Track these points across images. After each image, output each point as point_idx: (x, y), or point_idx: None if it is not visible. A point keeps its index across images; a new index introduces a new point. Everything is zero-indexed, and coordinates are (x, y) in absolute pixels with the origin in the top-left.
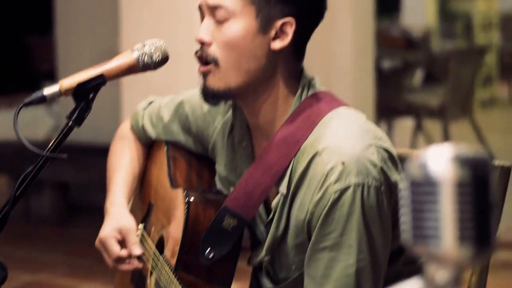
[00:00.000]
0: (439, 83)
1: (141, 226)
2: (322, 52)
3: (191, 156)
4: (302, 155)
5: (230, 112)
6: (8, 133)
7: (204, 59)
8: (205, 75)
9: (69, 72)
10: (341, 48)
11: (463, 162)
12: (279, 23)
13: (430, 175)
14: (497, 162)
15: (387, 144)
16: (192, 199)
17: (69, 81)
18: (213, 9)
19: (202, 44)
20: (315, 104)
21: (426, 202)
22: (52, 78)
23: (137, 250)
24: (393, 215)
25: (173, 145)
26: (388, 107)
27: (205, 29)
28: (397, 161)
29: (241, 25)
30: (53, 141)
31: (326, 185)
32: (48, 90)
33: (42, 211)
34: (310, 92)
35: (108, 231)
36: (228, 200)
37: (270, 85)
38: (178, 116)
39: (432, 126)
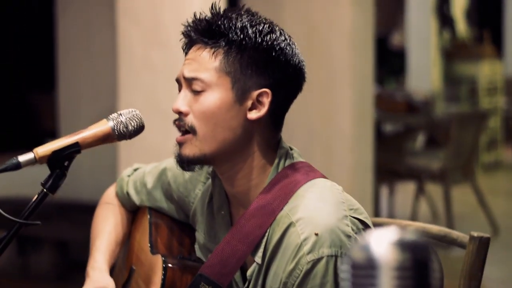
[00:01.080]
0: (441, 147)
1: None
2: (322, 116)
3: (174, 223)
4: (277, 225)
5: (210, 180)
6: (8, 190)
7: (182, 128)
8: (181, 144)
9: (70, 130)
10: (341, 112)
11: (404, 246)
12: (255, 94)
13: (371, 258)
14: (475, 234)
15: (363, 215)
16: (169, 265)
17: (44, 149)
18: (189, 81)
19: (180, 113)
20: (291, 175)
21: (366, 285)
22: (54, 136)
23: None
24: None
25: (156, 212)
26: (389, 170)
27: (182, 100)
28: (371, 229)
29: (217, 96)
30: (27, 208)
31: (299, 255)
32: (23, 157)
33: (41, 268)
34: (288, 163)
35: None
36: (204, 267)
37: (246, 154)
38: (161, 183)
39: (434, 189)
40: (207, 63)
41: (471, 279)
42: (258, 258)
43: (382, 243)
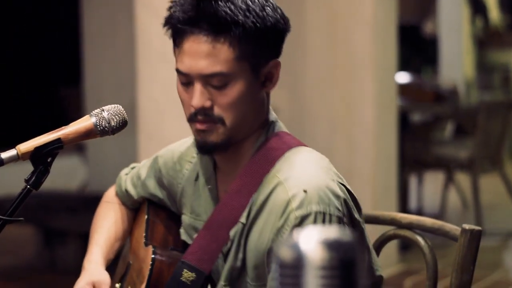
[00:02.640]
0: (469, 136)
1: (118, 285)
2: (345, 107)
3: (171, 218)
4: (263, 186)
5: (196, 158)
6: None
7: (209, 121)
8: (206, 131)
9: None
10: (364, 103)
11: (330, 246)
12: (268, 67)
13: (297, 258)
14: (467, 227)
15: (349, 186)
16: (158, 256)
17: (27, 145)
18: (208, 77)
19: (203, 109)
20: (279, 140)
21: (293, 284)
22: None
23: None
24: None
25: (155, 207)
26: (417, 160)
27: (202, 95)
28: (359, 203)
29: (241, 84)
30: (11, 204)
31: (287, 211)
32: (5, 154)
33: (68, 261)
34: (277, 129)
35: (80, 285)
36: (186, 254)
37: (257, 125)
38: (153, 172)
39: (463, 178)
40: (224, 55)
41: (462, 272)
42: (242, 219)
43: (310, 242)
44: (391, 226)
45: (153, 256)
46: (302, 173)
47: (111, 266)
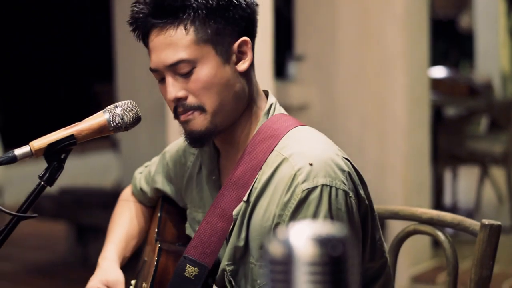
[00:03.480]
0: (503, 131)
1: (133, 282)
2: (376, 102)
3: (184, 213)
4: (267, 165)
5: (198, 150)
6: (71, 180)
7: (188, 110)
8: (188, 122)
9: None
10: (395, 98)
11: (321, 242)
12: (235, 46)
13: (288, 253)
14: (486, 222)
15: (352, 162)
16: (163, 252)
17: (40, 142)
18: (174, 66)
19: (178, 100)
20: (281, 120)
21: (284, 280)
22: None
23: None
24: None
25: (168, 202)
26: (452, 155)
27: (174, 86)
28: (363, 179)
29: (207, 67)
30: (24, 201)
31: (294, 185)
32: (19, 151)
33: None
34: (277, 111)
35: (93, 283)
36: (188, 248)
37: (244, 107)
38: (162, 167)
39: (498, 173)
40: (182, 41)
41: (482, 268)
42: (245, 197)
43: (300, 238)
44: (412, 222)
45: (159, 251)
46: (306, 148)
47: (131, 263)
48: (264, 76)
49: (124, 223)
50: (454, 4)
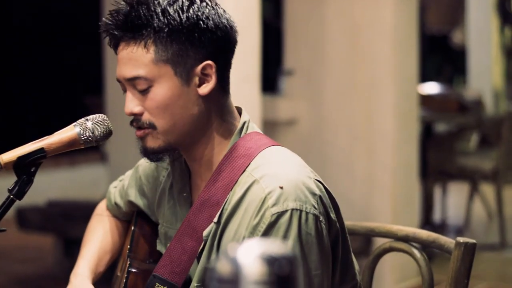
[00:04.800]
0: (493, 147)
1: None
2: (365, 117)
3: (157, 229)
4: (238, 185)
5: (170, 167)
6: (60, 193)
7: (142, 128)
8: (142, 138)
9: (115, 130)
10: (384, 113)
11: (267, 260)
12: (198, 69)
13: (234, 272)
14: (461, 240)
15: (325, 184)
16: (132, 269)
17: (10, 155)
18: (132, 81)
19: (134, 115)
20: (254, 140)
21: None
22: None
23: None
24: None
25: (143, 217)
26: (442, 171)
27: (131, 101)
28: (336, 202)
29: (164, 87)
30: None
31: (263, 208)
32: None
33: None
34: (250, 130)
35: None
36: (158, 267)
37: (207, 127)
38: (135, 180)
39: (489, 190)
40: (142, 58)
41: (456, 286)
42: (215, 218)
43: (248, 256)
44: (387, 239)
45: (128, 269)
46: (278, 171)
47: (106, 276)
48: (251, 91)
49: (98, 238)
50: (448, 20)
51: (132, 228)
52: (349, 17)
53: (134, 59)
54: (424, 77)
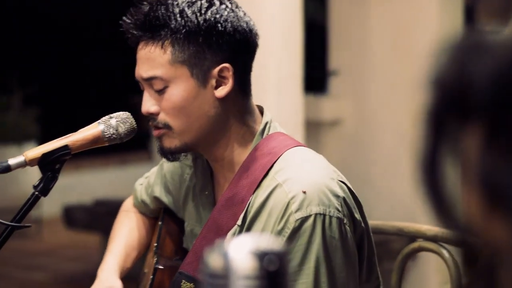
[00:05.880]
0: None
1: None
2: (410, 117)
3: (183, 225)
4: (261, 189)
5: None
6: (110, 192)
7: (158, 128)
8: (159, 138)
9: None
10: None
11: (258, 255)
12: (215, 71)
13: (227, 266)
14: None
15: (349, 184)
16: (159, 266)
17: (34, 152)
18: (149, 81)
19: (150, 114)
20: (276, 141)
21: None
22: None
23: None
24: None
25: (169, 214)
26: None
27: (148, 101)
28: (359, 201)
29: (180, 88)
30: (18, 211)
31: (287, 214)
32: (13, 160)
33: (133, 268)
34: (272, 130)
35: None
36: (184, 264)
37: (225, 129)
38: (160, 177)
39: None
40: (159, 58)
41: None
42: (239, 221)
43: (239, 251)
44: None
45: (155, 266)
46: (300, 174)
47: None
48: (294, 91)
49: (124, 234)
50: (499, 15)
51: (159, 224)
52: (394, 16)
53: (151, 59)
54: None
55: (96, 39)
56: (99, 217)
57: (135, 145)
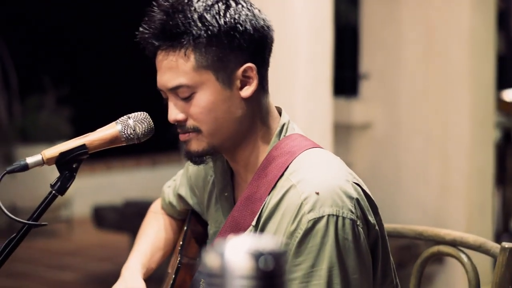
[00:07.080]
0: None
1: None
2: (440, 121)
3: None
4: (276, 190)
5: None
6: (141, 193)
7: (186, 132)
8: (187, 141)
9: None
10: (459, 117)
11: (254, 255)
12: (239, 72)
13: (224, 266)
14: (506, 245)
15: (364, 186)
16: (182, 266)
17: (52, 151)
18: (174, 90)
19: (178, 122)
20: (293, 141)
21: None
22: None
23: None
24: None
25: (196, 216)
26: None
27: (174, 109)
28: (375, 204)
29: (207, 93)
30: (35, 209)
31: (300, 214)
32: (31, 159)
33: (161, 268)
34: (289, 131)
35: None
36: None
37: (250, 130)
38: (186, 179)
39: None
40: (182, 66)
41: None
42: (254, 222)
43: (236, 251)
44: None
45: (178, 264)
46: (314, 175)
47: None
48: (323, 93)
49: (151, 235)
50: None
51: (185, 226)
52: (425, 20)
53: (174, 68)
54: (508, 83)
55: (130, 41)
56: (128, 218)
57: (166, 147)
